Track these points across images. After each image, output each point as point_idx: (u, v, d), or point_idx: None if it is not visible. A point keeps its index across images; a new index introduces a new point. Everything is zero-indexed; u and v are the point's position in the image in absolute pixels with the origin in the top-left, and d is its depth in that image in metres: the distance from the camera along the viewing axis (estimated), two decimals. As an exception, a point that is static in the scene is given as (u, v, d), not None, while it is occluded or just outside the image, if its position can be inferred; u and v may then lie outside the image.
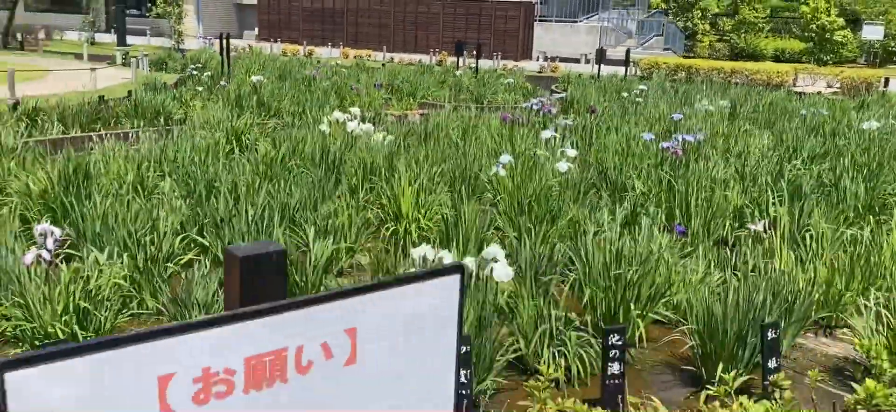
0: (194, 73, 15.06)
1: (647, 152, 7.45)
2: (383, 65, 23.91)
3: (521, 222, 5.21)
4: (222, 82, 13.76)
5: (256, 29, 35.47)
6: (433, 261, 3.48)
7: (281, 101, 12.08)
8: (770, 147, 8.68)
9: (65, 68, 16.31)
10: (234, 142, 8.65)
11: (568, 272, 4.78)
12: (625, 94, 14.33)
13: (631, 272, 4.24)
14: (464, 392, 3.38)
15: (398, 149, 7.81)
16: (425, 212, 5.70)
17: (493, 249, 3.59)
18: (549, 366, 3.86)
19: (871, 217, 6.23)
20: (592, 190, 7.06)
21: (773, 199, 6.05)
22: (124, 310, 4.02)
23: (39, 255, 4.03)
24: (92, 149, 6.64)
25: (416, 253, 3.53)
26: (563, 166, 5.96)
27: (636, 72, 23.60)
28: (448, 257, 3.58)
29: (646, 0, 38.05)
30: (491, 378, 3.61)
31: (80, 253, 4.62)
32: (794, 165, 8.19)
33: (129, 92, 12.07)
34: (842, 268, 4.82)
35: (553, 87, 19.70)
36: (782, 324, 4.33)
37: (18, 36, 23.71)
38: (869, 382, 2.31)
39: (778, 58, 33.63)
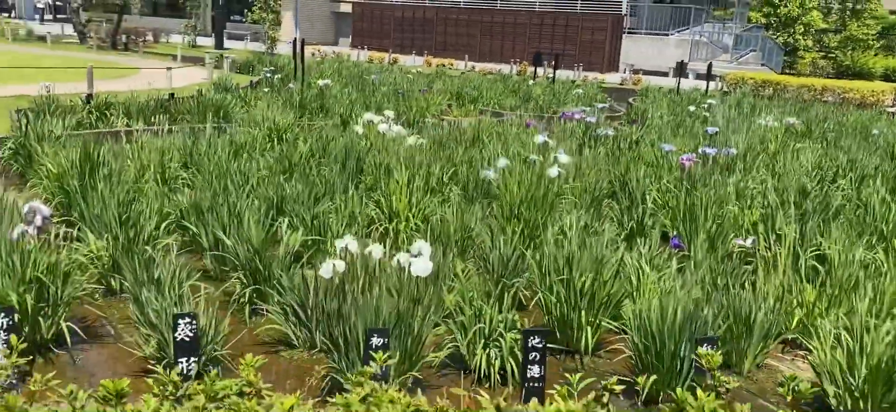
0: (268, 75, 15.67)
1: (669, 165, 7.25)
2: (463, 73, 24.10)
3: (494, 227, 5.20)
4: (290, 85, 14.26)
5: (350, 36, 36.49)
6: (358, 253, 3.57)
7: (339, 104, 12.42)
8: (815, 165, 8.24)
9: (155, 67, 17.30)
10: (274, 139, 9.00)
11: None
12: (692, 108, 13.90)
13: (584, 279, 4.17)
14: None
15: (422, 151, 7.90)
16: (418, 212, 5.77)
17: (419, 245, 3.63)
18: (480, 365, 3.88)
19: (896, 241, 5.85)
20: (607, 198, 6.95)
21: (783, 216, 5.76)
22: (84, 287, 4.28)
23: (26, 232, 4.35)
24: (122, 141, 7.08)
25: (340, 244, 3.63)
26: (553, 172, 5.90)
27: (721, 86, 22.81)
28: (378, 251, 3.65)
29: (745, 14, 36.68)
30: (414, 373, 3.65)
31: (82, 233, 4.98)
32: (838, 185, 7.79)
33: (199, 91, 12.71)
34: (829, 288, 4.57)
35: (630, 100, 19.34)
36: (752, 340, 4.16)
37: (124, 38, 25.30)
38: (697, 394, 2.21)
39: (888, 77, 31.71)
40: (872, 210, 6.24)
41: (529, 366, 3.54)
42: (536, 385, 3.55)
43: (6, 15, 42.80)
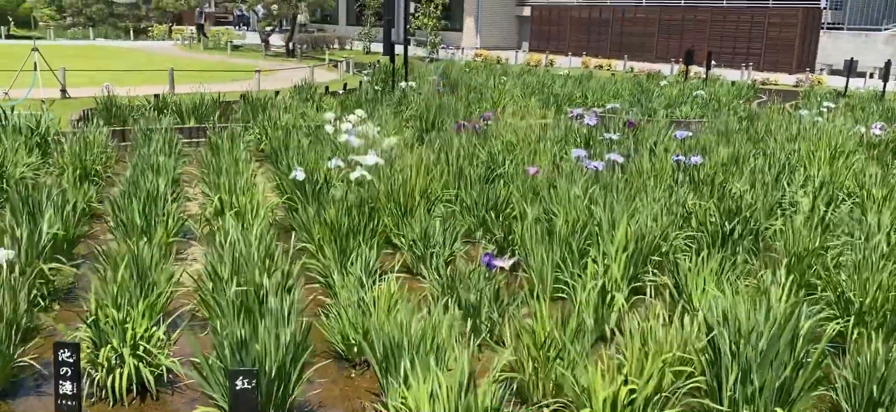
0: (365, 78, 15.97)
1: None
2: (613, 74, 22.86)
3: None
4: (375, 87, 14.41)
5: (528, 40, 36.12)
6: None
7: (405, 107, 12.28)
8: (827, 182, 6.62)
9: (286, 70, 18.41)
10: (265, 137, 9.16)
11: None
12: (804, 113, 11.89)
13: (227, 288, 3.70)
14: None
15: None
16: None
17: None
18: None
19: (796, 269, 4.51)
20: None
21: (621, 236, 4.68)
22: None
23: None
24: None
25: None
26: (355, 174, 5.29)
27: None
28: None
29: None
30: None
31: None
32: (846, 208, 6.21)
33: (276, 93, 13.28)
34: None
35: (787, 105, 17.04)
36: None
37: (291, 46, 27.24)
38: None
39: None
40: (788, 235, 4.87)
41: (61, 383, 3.21)
42: (70, 403, 3.21)
43: (234, 27, 47.93)
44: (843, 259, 4.66)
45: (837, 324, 4.15)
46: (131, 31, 34.86)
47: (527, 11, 37.59)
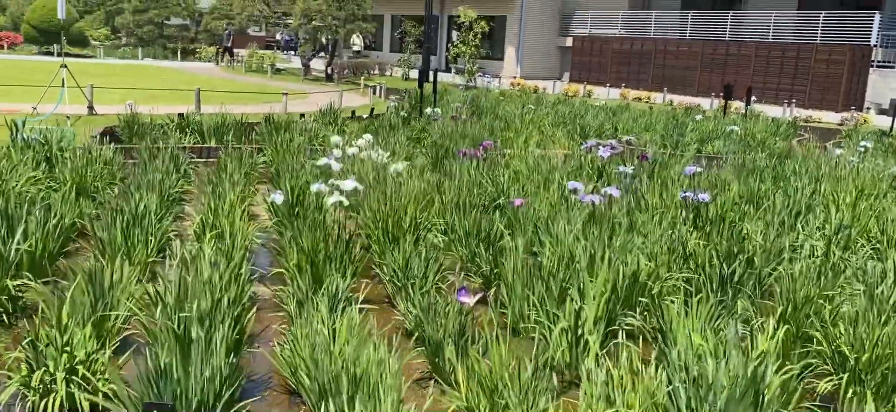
0: (392, 104, 15.92)
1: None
2: (651, 107, 22.46)
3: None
4: (400, 113, 14.34)
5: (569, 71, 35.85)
6: None
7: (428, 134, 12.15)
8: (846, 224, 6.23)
9: (312, 92, 18.50)
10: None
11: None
12: (838, 151, 11.43)
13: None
14: None
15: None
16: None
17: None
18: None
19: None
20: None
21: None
22: None
23: None
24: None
25: None
26: (332, 199, 5.11)
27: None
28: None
29: None
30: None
31: None
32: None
33: (301, 115, 13.29)
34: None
35: (828, 144, 16.46)
36: None
37: (330, 70, 27.46)
38: None
39: None
40: (784, 281, 4.54)
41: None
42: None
43: (281, 51, 48.69)
44: (845, 309, 4.31)
45: (829, 381, 3.83)
46: (179, 52, 35.65)
47: (569, 42, 37.38)
